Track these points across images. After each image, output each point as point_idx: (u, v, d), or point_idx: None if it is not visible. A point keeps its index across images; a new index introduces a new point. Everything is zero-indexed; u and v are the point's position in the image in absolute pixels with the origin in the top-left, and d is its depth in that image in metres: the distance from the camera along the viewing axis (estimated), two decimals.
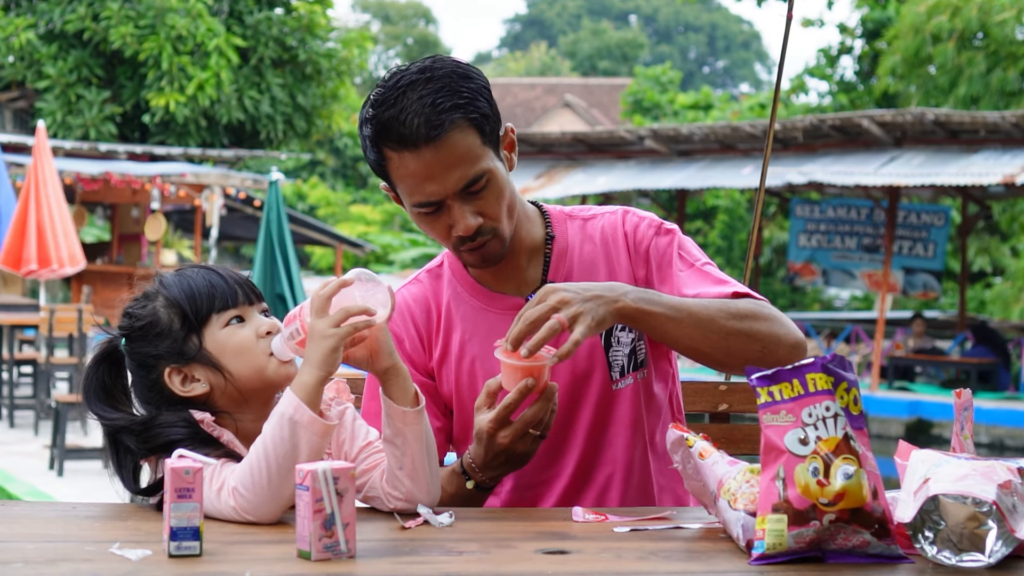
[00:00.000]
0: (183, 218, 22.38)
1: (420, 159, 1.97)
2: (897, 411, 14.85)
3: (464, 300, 2.19)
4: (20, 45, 19.78)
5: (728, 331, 1.99)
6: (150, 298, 1.91)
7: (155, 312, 1.89)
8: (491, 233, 2.06)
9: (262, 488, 1.73)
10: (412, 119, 1.95)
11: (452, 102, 1.96)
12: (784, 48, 3.05)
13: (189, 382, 1.88)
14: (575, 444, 2.16)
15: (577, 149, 18.46)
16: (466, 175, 1.99)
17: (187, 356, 1.87)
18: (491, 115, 2.03)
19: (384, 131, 1.98)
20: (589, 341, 2.11)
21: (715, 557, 1.63)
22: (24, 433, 10.36)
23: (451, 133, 1.96)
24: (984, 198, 17.69)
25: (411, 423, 1.83)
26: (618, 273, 2.16)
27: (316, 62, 21.12)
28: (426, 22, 57.56)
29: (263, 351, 1.88)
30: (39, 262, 10.87)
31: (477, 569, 1.54)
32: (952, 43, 19.56)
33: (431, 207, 2.03)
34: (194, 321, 1.88)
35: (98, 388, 1.92)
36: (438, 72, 1.98)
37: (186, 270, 1.94)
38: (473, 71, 2.04)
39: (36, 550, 1.56)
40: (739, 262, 26.70)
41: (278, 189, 10.43)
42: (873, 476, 1.58)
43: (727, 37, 63.27)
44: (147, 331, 1.89)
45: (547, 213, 2.23)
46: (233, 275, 1.93)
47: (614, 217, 2.22)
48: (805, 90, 26.39)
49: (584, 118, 38.75)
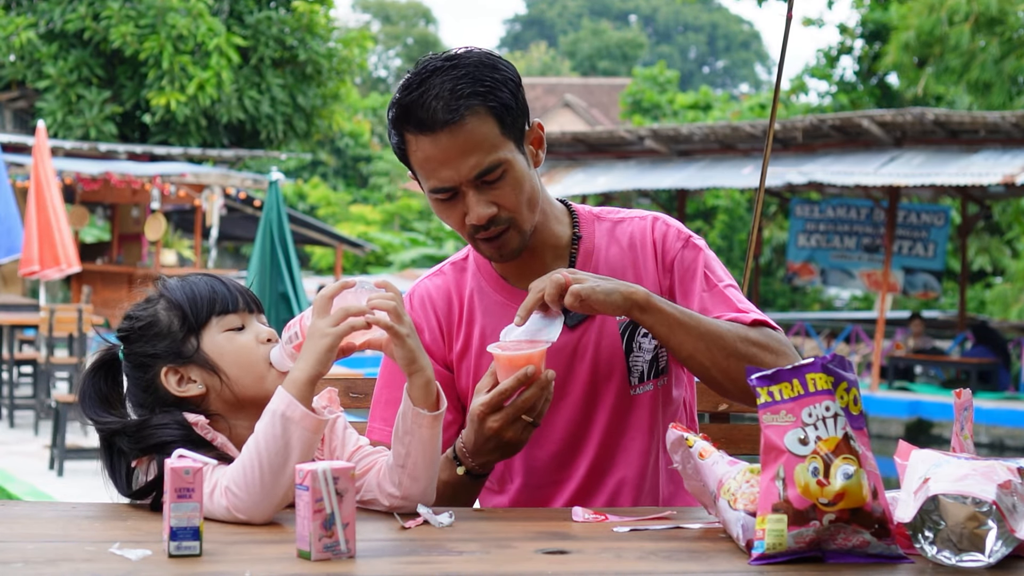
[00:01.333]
0: (183, 218, 22.38)
1: (436, 143, 1.98)
2: (897, 411, 14.85)
3: (487, 294, 2.18)
4: (20, 44, 19.78)
5: (732, 352, 2.00)
6: (152, 301, 1.93)
7: (155, 314, 1.91)
8: (507, 223, 2.04)
9: (255, 486, 1.73)
10: (431, 103, 1.96)
11: (472, 89, 1.97)
12: (784, 48, 3.05)
13: (185, 383, 1.89)
14: (589, 447, 2.15)
15: (577, 149, 18.46)
16: (481, 163, 1.99)
17: (184, 357, 1.88)
18: (514, 107, 2.02)
19: (405, 114, 1.99)
20: (609, 345, 2.11)
21: (715, 557, 1.63)
22: (24, 433, 10.36)
23: (468, 119, 1.97)
24: (984, 198, 17.68)
25: (425, 426, 1.83)
26: (644, 279, 2.15)
27: (316, 62, 21.12)
28: (426, 22, 57.58)
29: (262, 357, 1.89)
30: (41, 263, 10.88)
31: (477, 569, 1.54)
32: (968, 25, 19.29)
33: (446, 193, 2.03)
34: (193, 322, 1.89)
35: (94, 394, 1.93)
36: (464, 60, 2.00)
37: (189, 276, 1.97)
38: (502, 63, 2.04)
39: (36, 550, 1.56)
40: (739, 262, 26.71)
41: (278, 189, 10.42)
42: (873, 476, 1.59)
43: (727, 37, 63.27)
44: (146, 331, 1.91)
45: (575, 212, 2.22)
46: (234, 283, 1.95)
47: (644, 223, 2.20)
48: (805, 90, 26.39)
49: (584, 118, 38.75)
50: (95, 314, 11.98)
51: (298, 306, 9.91)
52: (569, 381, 2.13)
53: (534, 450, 2.13)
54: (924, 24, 19.58)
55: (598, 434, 2.14)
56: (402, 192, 33.69)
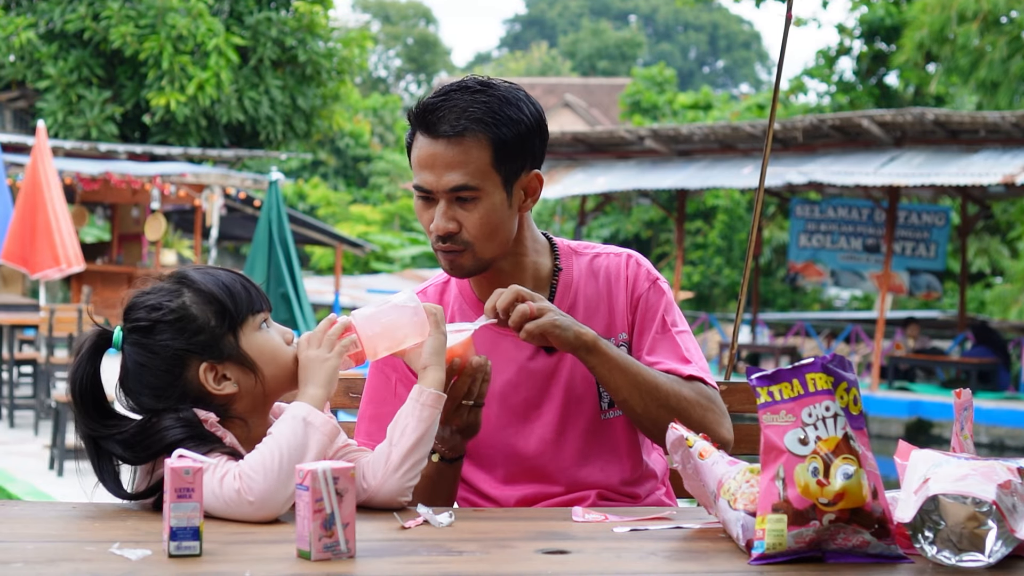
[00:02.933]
0: (183, 218, 22.37)
1: (432, 148, 2.11)
2: (897, 411, 14.85)
3: (469, 318, 2.26)
4: (20, 45, 19.76)
5: (663, 404, 2.13)
6: (175, 292, 1.89)
7: (186, 306, 1.87)
8: (464, 245, 2.15)
9: (272, 472, 1.74)
10: (444, 112, 2.10)
11: (483, 115, 2.10)
12: (783, 48, 3.05)
13: (221, 380, 1.88)
14: (563, 466, 2.24)
15: (577, 149, 18.46)
16: (458, 180, 2.11)
17: (223, 354, 1.87)
18: (514, 147, 2.13)
19: (420, 111, 2.13)
20: (583, 371, 2.20)
21: (715, 557, 1.63)
22: (24, 433, 10.36)
23: (466, 139, 2.10)
24: (984, 198, 17.68)
25: (427, 404, 1.91)
26: (615, 312, 2.28)
27: (316, 62, 21.10)
28: (426, 22, 57.57)
29: (292, 355, 1.92)
30: (35, 263, 10.86)
31: (477, 569, 1.54)
32: (976, 24, 19.21)
33: (423, 194, 2.15)
34: (234, 318, 1.88)
35: (90, 385, 1.89)
36: (494, 90, 2.14)
37: (210, 269, 1.95)
38: (528, 107, 2.16)
39: (36, 550, 1.56)
40: (739, 262, 26.72)
41: (278, 189, 10.42)
42: (873, 476, 1.59)
43: (727, 37, 63.24)
44: (174, 323, 1.87)
45: (556, 245, 2.33)
46: (245, 278, 1.96)
47: (619, 260, 2.32)
48: (804, 90, 26.38)
49: (584, 118, 38.77)
50: (95, 314, 11.94)
51: (299, 306, 9.91)
52: (544, 402, 2.24)
53: (511, 467, 2.23)
54: (936, 21, 19.49)
55: (571, 454, 2.24)
56: (402, 192, 33.69)
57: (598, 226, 27.95)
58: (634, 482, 2.28)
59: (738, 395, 2.48)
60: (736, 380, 2.50)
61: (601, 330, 2.22)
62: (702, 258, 27.79)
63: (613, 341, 2.23)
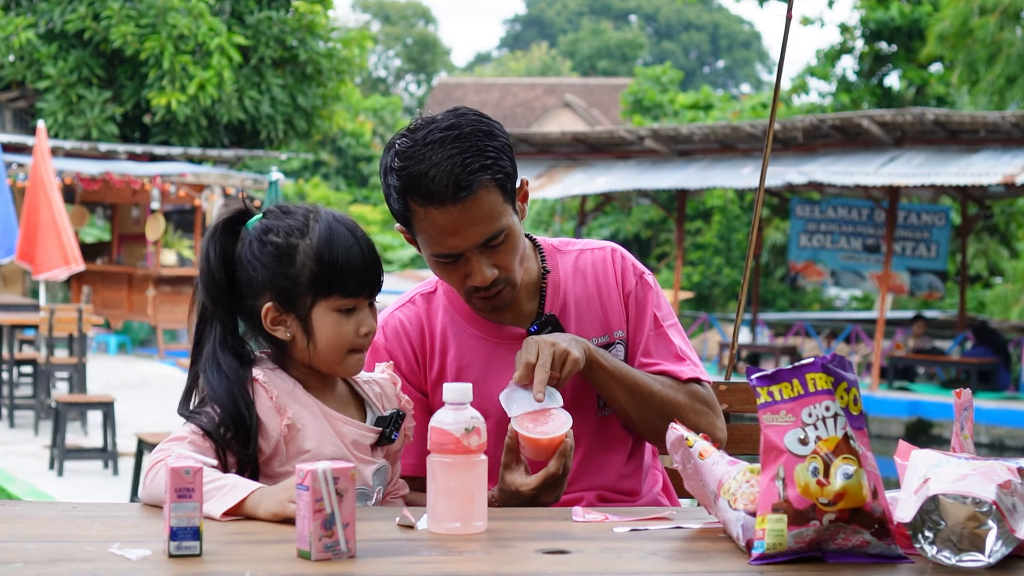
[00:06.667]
0: (183, 218, 22.35)
1: (446, 216, 2.05)
2: (897, 411, 14.85)
3: (462, 328, 2.25)
4: (20, 45, 19.74)
5: (659, 412, 2.16)
6: (301, 231, 1.93)
7: (297, 248, 1.92)
8: (505, 283, 2.14)
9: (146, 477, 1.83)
10: (441, 178, 2.02)
11: (480, 163, 2.04)
12: (784, 48, 3.05)
13: (278, 324, 1.94)
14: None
15: (577, 149, 18.46)
16: (488, 231, 2.08)
17: (293, 307, 1.93)
18: (512, 173, 2.12)
19: (412, 186, 2.05)
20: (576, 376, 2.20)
21: (715, 557, 1.63)
22: (24, 433, 10.35)
23: (478, 193, 2.05)
24: (984, 198, 17.68)
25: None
26: (610, 309, 2.27)
27: (316, 62, 21.09)
28: (426, 22, 57.54)
29: (349, 345, 1.94)
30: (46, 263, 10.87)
31: (477, 569, 1.55)
32: (995, 17, 19.09)
33: (450, 258, 2.11)
34: (324, 290, 1.92)
35: (220, 263, 1.96)
36: (464, 130, 2.06)
37: (353, 229, 1.95)
38: (496, 127, 2.11)
39: (36, 550, 1.56)
40: (739, 262, 26.71)
41: (278, 189, 10.44)
42: (873, 476, 1.59)
43: (728, 37, 63.21)
44: (273, 256, 1.93)
45: (540, 246, 2.31)
46: (374, 263, 1.95)
47: (603, 254, 2.31)
48: (806, 90, 26.36)
49: (584, 118, 38.73)
50: (95, 314, 11.97)
51: None
52: None
53: None
54: (958, 14, 19.34)
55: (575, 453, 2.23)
56: None
57: (598, 226, 27.93)
58: (633, 481, 2.28)
59: (738, 395, 2.48)
60: (736, 380, 2.50)
61: (595, 329, 2.23)
62: (702, 258, 27.78)
63: (609, 339, 2.23)
